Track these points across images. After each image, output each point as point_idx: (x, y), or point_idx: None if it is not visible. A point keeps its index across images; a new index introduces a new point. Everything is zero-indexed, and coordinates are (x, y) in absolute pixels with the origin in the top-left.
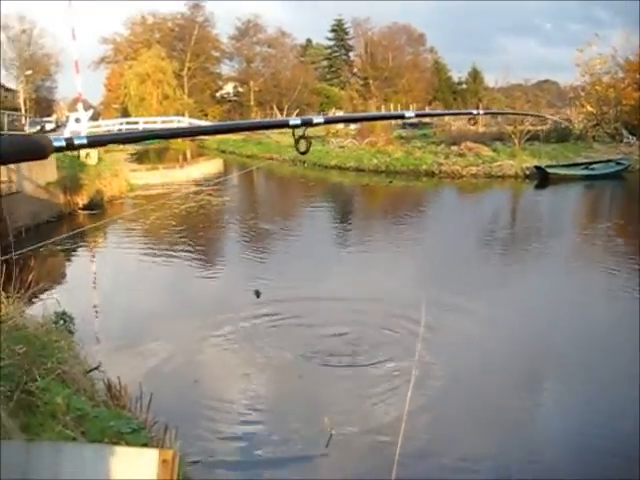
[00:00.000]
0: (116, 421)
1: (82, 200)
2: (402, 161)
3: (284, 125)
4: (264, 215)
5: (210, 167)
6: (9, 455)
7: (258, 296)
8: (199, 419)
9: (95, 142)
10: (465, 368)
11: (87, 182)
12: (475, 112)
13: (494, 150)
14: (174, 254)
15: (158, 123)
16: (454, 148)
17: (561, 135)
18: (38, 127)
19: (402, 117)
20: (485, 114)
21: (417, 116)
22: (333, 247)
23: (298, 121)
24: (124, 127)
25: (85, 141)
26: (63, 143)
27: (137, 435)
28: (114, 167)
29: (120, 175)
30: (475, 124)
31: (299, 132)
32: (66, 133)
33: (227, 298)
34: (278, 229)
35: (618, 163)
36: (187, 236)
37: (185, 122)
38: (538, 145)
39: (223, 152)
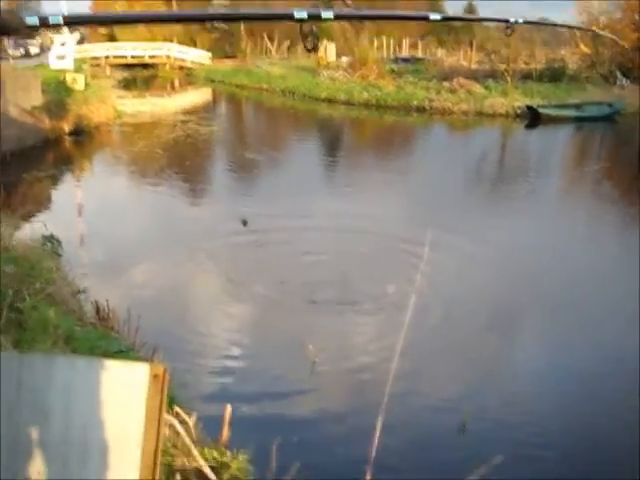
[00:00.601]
0: (104, 341)
1: (68, 126)
2: (393, 96)
3: (288, 17)
4: (252, 146)
5: (198, 96)
6: (2, 366)
7: (245, 225)
8: (185, 344)
9: (72, 21)
10: (450, 304)
11: (73, 108)
12: (512, 20)
13: (486, 87)
14: (161, 182)
15: (147, 50)
16: (446, 84)
17: (554, 75)
18: (22, 50)
19: (426, 19)
20: (525, 23)
21: (443, 19)
22: (321, 179)
23: (304, 14)
24: (111, 53)
25: (61, 20)
26: (36, 21)
27: (125, 355)
28: (101, 93)
29: (107, 102)
30: (512, 34)
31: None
32: (51, 57)
33: (214, 226)
34: (266, 160)
35: (610, 105)
36: (174, 165)
37: (174, 50)
38: (531, 84)
39: (212, 81)
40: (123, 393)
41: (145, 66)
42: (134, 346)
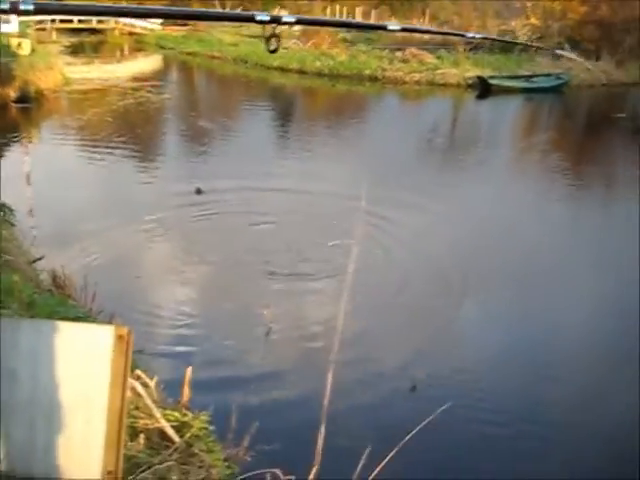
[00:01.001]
0: (63, 308)
1: (14, 92)
2: (346, 65)
3: (249, 19)
4: (205, 114)
5: (149, 63)
6: None
7: (199, 193)
8: (141, 310)
9: (43, 9)
10: (398, 268)
11: (19, 73)
12: (470, 35)
13: (438, 58)
14: (112, 151)
15: (94, 21)
16: (398, 54)
17: (505, 46)
18: None
19: (384, 28)
20: (483, 39)
21: (403, 30)
22: (274, 146)
23: (266, 17)
24: (57, 17)
25: (31, 7)
26: (7, 6)
27: (84, 321)
28: (48, 59)
29: (55, 68)
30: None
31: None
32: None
33: (167, 195)
34: (219, 128)
35: (558, 77)
36: (125, 133)
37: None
38: (482, 55)
39: (162, 48)
40: (88, 354)
41: (93, 31)
42: (91, 313)
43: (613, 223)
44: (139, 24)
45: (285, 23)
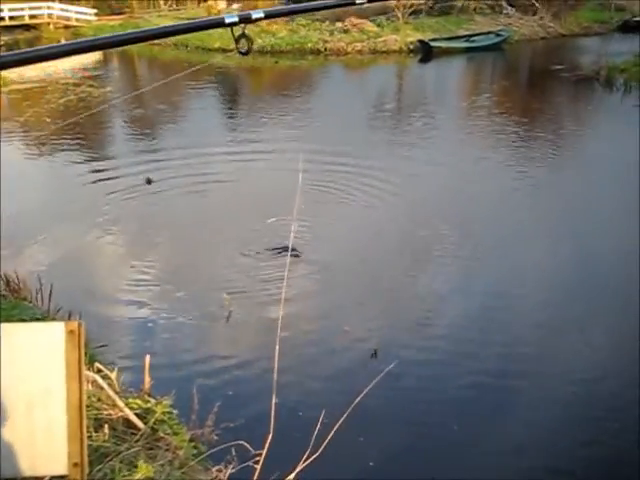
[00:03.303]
0: (19, 310)
1: None
2: (287, 40)
3: (220, 24)
4: (148, 103)
5: (88, 56)
6: None
7: (149, 183)
8: (99, 306)
9: None
10: (352, 235)
11: None
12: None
13: (378, 25)
14: (55, 151)
15: (25, 10)
16: (338, 25)
17: (443, 8)
18: None
19: (352, 4)
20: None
21: (370, 1)
22: (222, 128)
23: (235, 18)
24: None
25: None
26: None
27: (42, 321)
28: None
29: None
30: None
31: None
32: None
33: (116, 188)
34: (165, 115)
35: (498, 35)
36: (69, 131)
37: (56, 8)
38: (421, 19)
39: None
40: (43, 351)
41: (27, 27)
42: (49, 313)
43: (558, 164)
44: (73, 16)
45: (255, 20)
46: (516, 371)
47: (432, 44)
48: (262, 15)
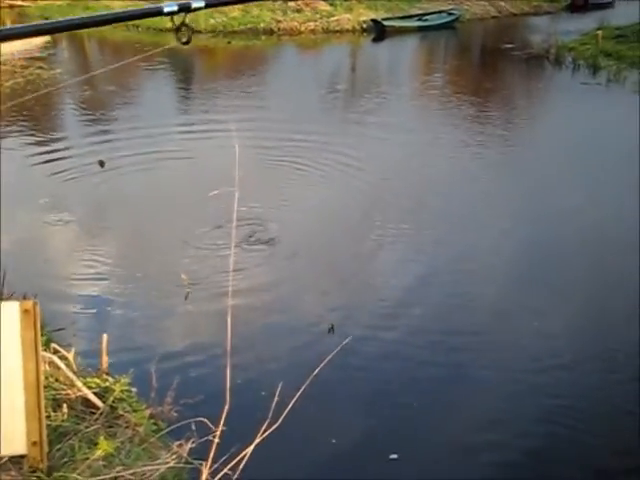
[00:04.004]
0: None
1: None
2: (240, 20)
3: (158, 13)
4: (100, 84)
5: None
6: None
7: (102, 166)
8: (55, 291)
9: None
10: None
11: None
12: None
13: (331, 4)
14: (2, 133)
15: None
16: (291, 4)
17: None
18: None
19: None
20: None
21: None
22: (175, 109)
23: (174, 7)
24: None
25: None
26: None
27: None
28: None
29: None
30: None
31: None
32: None
33: (69, 173)
34: (117, 96)
35: (450, 14)
36: (17, 114)
37: None
38: None
39: (48, 20)
40: None
41: None
42: (1, 297)
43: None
44: None
45: (195, 9)
46: (469, 346)
47: (385, 23)
48: (202, 4)
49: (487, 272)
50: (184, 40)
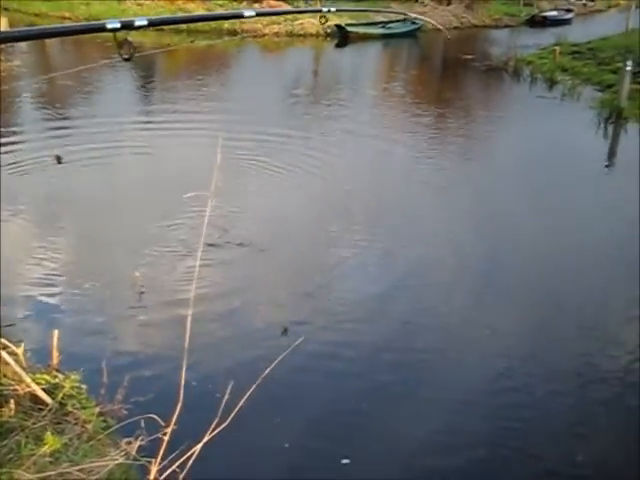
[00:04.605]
0: None
1: None
2: None
3: (101, 29)
4: (59, 78)
5: None
6: None
7: (59, 162)
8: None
9: None
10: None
11: None
12: (325, 9)
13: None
14: None
15: None
16: (256, 5)
17: None
18: None
19: (241, 16)
20: (337, 11)
21: (258, 15)
22: (136, 106)
23: (117, 24)
24: None
25: None
26: None
27: None
28: None
29: None
30: (325, 22)
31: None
32: None
33: (23, 168)
34: (76, 92)
35: (413, 22)
36: None
37: None
38: (339, 3)
39: (6, 10)
40: None
41: None
42: None
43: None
44: None
45: (137, 27)
46: (423, 345)
47: (349, 29)
48: (145, 23)
49: (426, 284)
50: (126, 56)
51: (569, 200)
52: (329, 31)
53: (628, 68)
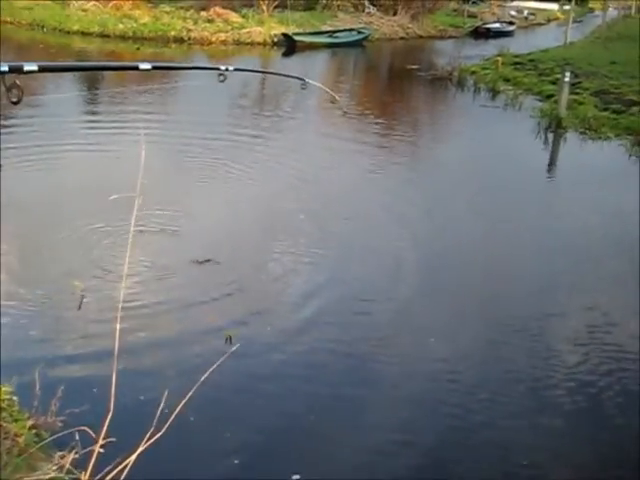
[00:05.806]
0: None
1: None
2: (150, 27)
3: None
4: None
5: None
6: None
7: None
8: None
9: None
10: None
11: None
12: (223, 68)
13: (243, 17)
14: None
15: None
16: (203, 14)
17: (308, 3)
18: None
19: (136, 68)
20: (235, 70)
21: (154, 68)
22: (81, 109)
23: (5, 67)
24: None
25: None
26: None
27: None
28: None
29: None
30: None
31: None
32: None
33: None
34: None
35: (359, 32)
36: None
37: None
38: (286, 13)
39: None
40: None
41: None
42: None
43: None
44: None
45: (27, 72)
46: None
47: (296, 38)
48: (35, 68)
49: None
50: (14, 100)
51: (507, 207)
52: (276, 40)
53: (567, 79)
